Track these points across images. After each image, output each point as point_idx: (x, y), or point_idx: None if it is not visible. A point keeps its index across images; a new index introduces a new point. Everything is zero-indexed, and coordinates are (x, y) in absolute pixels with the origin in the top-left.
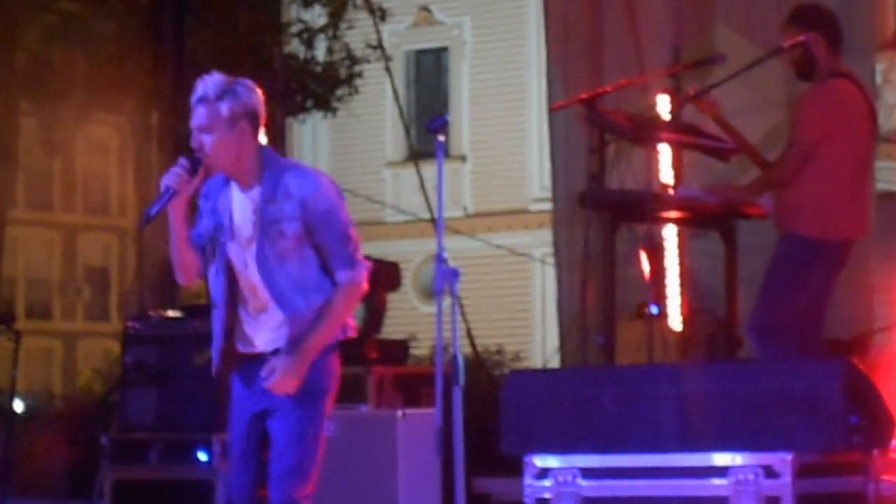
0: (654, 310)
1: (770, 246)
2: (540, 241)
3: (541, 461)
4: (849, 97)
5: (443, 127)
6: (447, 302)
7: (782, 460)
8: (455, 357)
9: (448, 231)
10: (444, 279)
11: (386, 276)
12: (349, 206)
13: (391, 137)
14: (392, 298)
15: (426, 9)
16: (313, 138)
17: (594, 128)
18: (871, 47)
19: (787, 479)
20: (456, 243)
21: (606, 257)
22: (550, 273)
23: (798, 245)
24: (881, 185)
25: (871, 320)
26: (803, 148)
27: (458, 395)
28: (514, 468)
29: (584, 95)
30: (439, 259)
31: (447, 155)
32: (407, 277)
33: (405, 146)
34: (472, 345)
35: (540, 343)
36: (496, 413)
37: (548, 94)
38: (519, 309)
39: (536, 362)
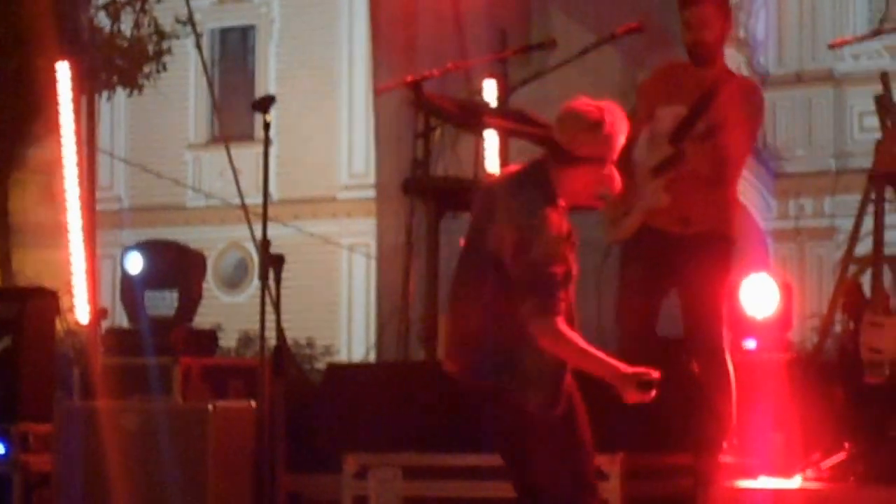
0: None
1: (594, 241)
2: (348, 231)
3: (360, 459)
4: None
5: (269, 105)
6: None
7: (610, 461)
8: (279, 347)
9: (254, 217)
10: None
11: (198, 263)
12: (149, 189)
13: (193, 119)
14: None
15: None
16: (111, 118)
17: (420, 112)
18: None
19: (615, 480)
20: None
21: (429, 247)
22: (359, 264)
23: (728, 247)
24: None
25: None
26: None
27: (281, 388)
28: (330, 466)
29: (409, 78)
30: (264, 244)
31: (252, 138)
32: (207, 265)
33: (208, 128)
34: (282, 337)
35: (346, 336)
36: (310, 408)
37: (373, 78)
38: (325, 300)
39: (345, 356)
